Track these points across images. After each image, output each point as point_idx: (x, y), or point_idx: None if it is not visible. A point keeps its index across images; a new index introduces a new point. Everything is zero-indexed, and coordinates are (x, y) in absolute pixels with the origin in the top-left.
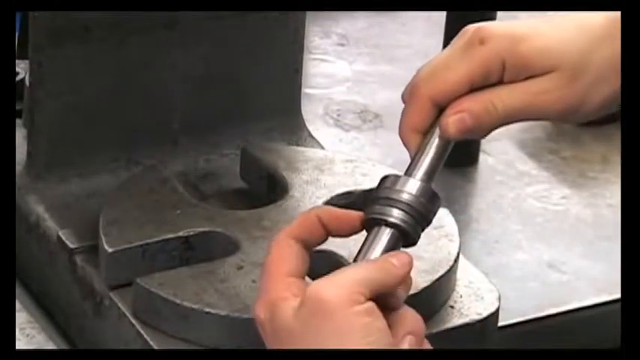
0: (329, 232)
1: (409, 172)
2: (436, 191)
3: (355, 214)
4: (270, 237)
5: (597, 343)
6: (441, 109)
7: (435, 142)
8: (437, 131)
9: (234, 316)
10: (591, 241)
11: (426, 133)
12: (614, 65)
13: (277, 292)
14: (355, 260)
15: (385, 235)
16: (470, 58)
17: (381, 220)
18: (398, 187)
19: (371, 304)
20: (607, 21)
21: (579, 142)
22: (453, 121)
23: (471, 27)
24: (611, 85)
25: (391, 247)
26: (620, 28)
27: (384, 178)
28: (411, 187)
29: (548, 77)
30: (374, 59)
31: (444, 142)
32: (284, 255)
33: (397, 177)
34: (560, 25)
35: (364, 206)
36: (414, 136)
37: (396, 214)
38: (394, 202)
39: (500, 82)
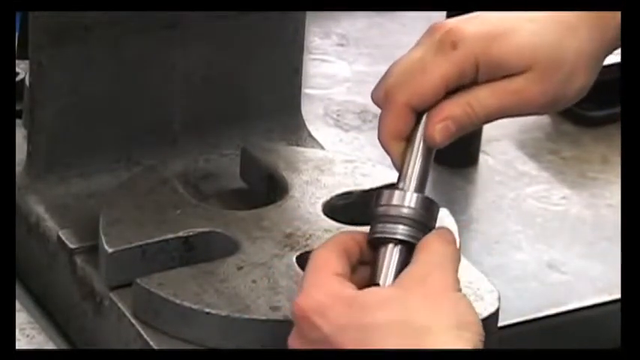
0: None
1: (402, 183)
2: (432, 197)
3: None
4: (270, 237)
5: (597, 343)
6: (419, 113)
7: (420, 150)
8: (418, 137)
9: (234, 316)
10: (591, 241)
11: (408, 140)
12: (582, 56)
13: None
14: (374, 280)
15: (396, 252)
16: (443, 61)
17: (389, 238)
18: (396, 202)
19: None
20: (574, 13)
21: (579, 143)
22: (439, 129)
23: (440, 26)
24: (584, 75)
25: (404, 263)
26: (587, 20)
27: (379, 195)
28: (409, 201)
29: (524, 76)
30: (374, 59)
31: (429, 147)
32: (333, 259)
33: (392, 192)
34: (531, 18)
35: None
36: (396, 144)
37: (401, 230)
38: (397, 219)
39: (474, 82)
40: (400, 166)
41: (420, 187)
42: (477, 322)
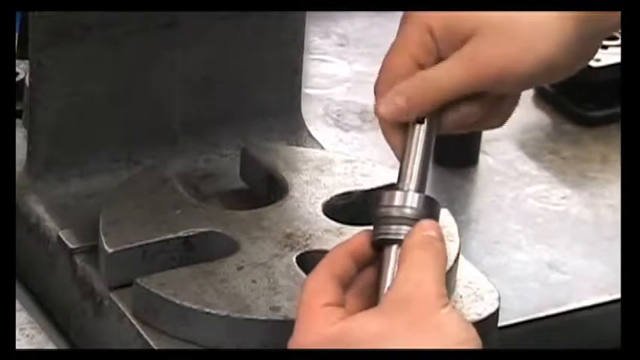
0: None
1: (402, 183)
2: (432, 196)
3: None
4: (270, 237)
5: (597, 343)
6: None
7: (418, 149)
8: (415, 136)
9: (234, 317)
10: (591, 241)
11: (406, 138)
12: (539, 22)
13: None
14: (380, 282)
15: (400, 253)
16: (403, 35)
17: (394, 240)
18: (397, 203)
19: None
20: None
21: (579, 142)
22: (381, 102)
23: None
24: (543, 43)
25: None
26: None
27: (380, 196)
28: (411, 201)
29: (476, 38)
30: (374, 59)
31: (427, 145)
32: (320, 287)
33: (393, 193)
34: None
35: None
36: (394, 131)
37: (404, 231)
38: (399, 220)
39: (441, 53)
40: (399, 166)
41: (421, 186)
42: (467, 338)
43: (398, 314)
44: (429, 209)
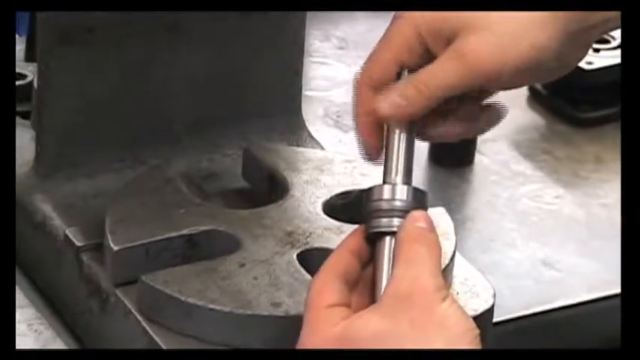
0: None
1: (389, 177)
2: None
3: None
4: (271, 235)
5: (590, 339)
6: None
7: (401, 142)
8: (398, 130)
9: (236, 312)
10: (584, 239)
11: (388, 135)
12: (530, 16)
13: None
14: (376, 277)
15: (393, 244)
16: (389, 35)
17: (386, 232)
18: (386, 196)
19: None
20: None
21: (573, 143)
22: (381, 101)
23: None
24: (536, 29)
25: None
26: None
27: (369, 192)
28: (400, 193)
29: (466, 32)
30: None
31: (410, 136)
32: (325, 288)
33: (382, 187)
34: None
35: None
36: (363, 120)
37: (396, 223)
38: (390, 212)
39: (431, 55)
40: (384, 161)
41: (407, 179)
42: (468, 328)
43: (399, 312)
44: (418, 200)
